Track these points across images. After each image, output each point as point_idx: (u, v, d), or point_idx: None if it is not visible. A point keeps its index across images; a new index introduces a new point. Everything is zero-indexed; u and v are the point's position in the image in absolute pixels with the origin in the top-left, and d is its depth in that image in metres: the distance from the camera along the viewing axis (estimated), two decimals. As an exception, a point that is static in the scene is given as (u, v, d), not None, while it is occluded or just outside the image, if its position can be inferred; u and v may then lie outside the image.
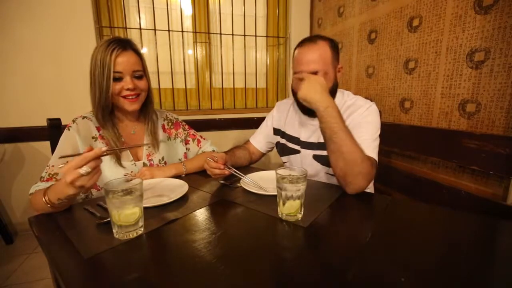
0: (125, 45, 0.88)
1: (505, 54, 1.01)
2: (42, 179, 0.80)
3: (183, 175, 1.00)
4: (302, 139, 1.06)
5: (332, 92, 0.96)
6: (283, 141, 1.15)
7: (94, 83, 0.88)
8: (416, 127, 1.38)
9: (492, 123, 1.07)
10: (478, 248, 0.55)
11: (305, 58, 0.92)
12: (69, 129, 0.89)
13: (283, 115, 1.18)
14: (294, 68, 0.97)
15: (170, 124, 1.12)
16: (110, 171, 0.90)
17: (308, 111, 0.97)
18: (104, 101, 0.88)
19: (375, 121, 0.93)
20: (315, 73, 0.91)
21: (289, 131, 1.12)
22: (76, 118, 0.92)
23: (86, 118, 0.93)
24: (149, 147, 1.01)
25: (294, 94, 1.00)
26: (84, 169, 0.59)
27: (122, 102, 0.90)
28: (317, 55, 0.91)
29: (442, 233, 0.62)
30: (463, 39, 1.15)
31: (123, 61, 0.87)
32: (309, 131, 1.04)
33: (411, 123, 1.42)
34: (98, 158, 0.61)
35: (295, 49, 0.99)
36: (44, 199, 0.67)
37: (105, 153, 0.63)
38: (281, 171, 0.65)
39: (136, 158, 0.98)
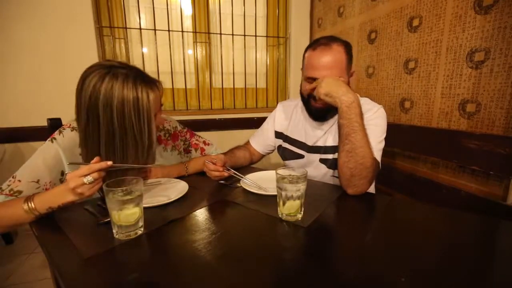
0: (152, 82, 0.77)
1: (505, 54, 1.01)
2: (1, 191, 0.69)
3: (185, 176, 1.00)
4: (309, 143, 1.04)
5: None
6: (286, 145, 1.11)
7: (123, 133, 0.72)
8: (416, 127, 1.38)
9: (492, 123, 1.07)
10: (478, 248, 0.55)
11: (319, 63, 0.87)
12: (52, 141, 0.76)
13: (286, 118, 1.13)
14: (306, 72, 0.91)
15: (167, 135, 1.05)
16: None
17: (320, 115, 0.95)
18: (145, 157, 0.76)
19: (382, 125, 0.92)
20: None
21: (294, 135, 1.09)
22: (64, 129, 0.79)
23: (75, 130, 0.79)
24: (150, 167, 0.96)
25: (303, 98, 0.97)
26: (87, 179, 0.61)
27: None
28: (332, 60, 0.87)
29: (442, 233, 0.62)
30: (463, 39, 1.15)
31: (157, 102, 0.77)
32: (316, 136, 1.02)
33: (411, 123, 1.42)
34: (101, 170, 0.63)
35: (306, 50, 0.94)
36: (27, 206, 0.62)
37: (110, 168, 0.65)
38: (281, 171, 0.65)
39: None
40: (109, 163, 0.63)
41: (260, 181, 0.87)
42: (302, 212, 0.65)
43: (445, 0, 1.21)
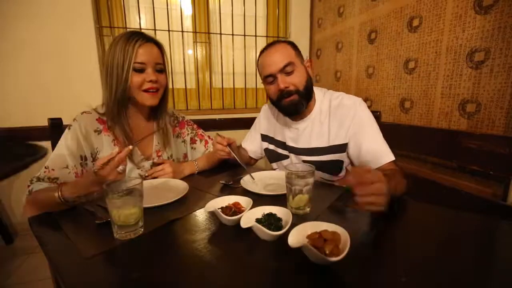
0: (148, 37, 0.87)
1: (505, 54, 1.01)
2: (40, 180, 0.78)
3: (195, 173, 1.02)
4: (288, 143, 1.03)
5: (309, 86, 0.94)
6: (272, 147, 1.11)
7: (111, 75, 0.84)
8: (416, 127, 1.38)
9: (492, 123, 1.07)
10: (478, 248, 0.55)
11: (271, 59, 0.91)
12: (69, 129, 0.85)
13: (271, 120, 1.13)
14: (263, 73, 0.94)
15: (175, 122, 1.12)
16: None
17: (293, 109, 0.94)
18: (121, 94, 0.84)
19: (372, 118, 0.92)
20: (285, 66, 0.88)
21: (278, 137, 1.09)
22: (77, 116, 0.88)
23: (86, 112, 0.90)
24: (158, 143, 1.00)
25: (272, 100, 0.98)
26: (121, 168, 0.66)
27: (142, 97, 0.87)
28: (280, 53, 0.90)
29: (442, 233, 0.62)
30: (463, 39, 1.15)
31: (146, 52, 0.84)
32: (294, 134, 1.01)
33: (411, 123, 1.42)
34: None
35: (257, 61, 0.98)
36: (58, 195, 0.69)
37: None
38: (290, 168, 0.68)
39: (147, 157, 0.97)
40: (130, 147, 0.68)
41: (259, 181, 0.88)
42: (310, 206, 0.68)
43: (445, 0, 1.21)
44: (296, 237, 0.50)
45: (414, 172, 1.41)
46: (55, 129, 1.05)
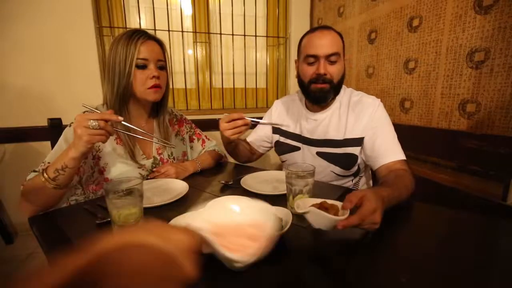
0: (149, 35, 0.90)
1: (505, 54, 1.01)
2: (36, 172, 0.76)
3: (198, 171, 1.03)
4: (304, 135, 1.04)
5: (342, 81, 0.96)
6: (282, 139, 1.12)
7: (113, 72, 0.85)
8: (416, 127, 1.38)
9: (492, 123, 1.07)
10: (478, 248, 0.55)
11: (321, 41, 0.90)
12: (70, 126, 0.84)
13: (283, 113, 1.15)
14: (306, 52, 0.92)
15: (175, 119, 1.12)
16: (125, 166, 0.90)
17: (323, 96, 0.94)
18: (123, 89, 0.86)
19: (389, 119, 0.95)
20: (332, 55, 0.89)
21: (290, 129, 1.10)
22: (78, 115, 0.89)
23: (87, 112, 0.89)
24: (158, 141, 1.00)
25: (302, 82, 0.97)
26: (91, 123, 0.61)
27: (145, 93, 0.88)
28: (334, 39, 0.91)
29: (442, 233, 0.62)
30: (463, 39, 1.15)
31: (148, 49, 0.86)
32: (311, 126, 1.02)
33: (411, 123, 1.42)
34: (108, 123, 0.65)
35: (302, 38, 0.97)
36: (43, 176, 0.68)
37: (118, 126, 0.69)
38: (291, 168, 0.68)
39: (147, 155, 0.98)
40: (120, 118, 0.65)
41: (259, 181, 0.88)
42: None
43: (445, 0, 1.21)
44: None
45: (414, 172, 1.40)
46: (55, 129, 1.05)
